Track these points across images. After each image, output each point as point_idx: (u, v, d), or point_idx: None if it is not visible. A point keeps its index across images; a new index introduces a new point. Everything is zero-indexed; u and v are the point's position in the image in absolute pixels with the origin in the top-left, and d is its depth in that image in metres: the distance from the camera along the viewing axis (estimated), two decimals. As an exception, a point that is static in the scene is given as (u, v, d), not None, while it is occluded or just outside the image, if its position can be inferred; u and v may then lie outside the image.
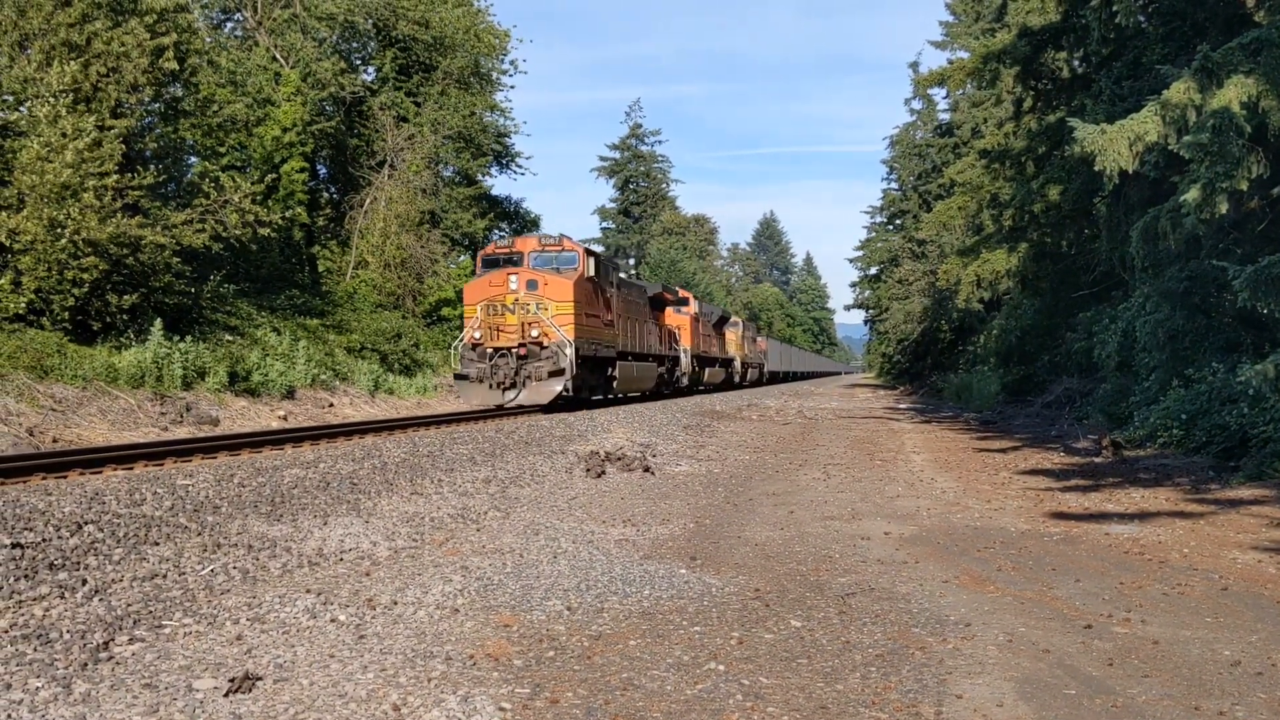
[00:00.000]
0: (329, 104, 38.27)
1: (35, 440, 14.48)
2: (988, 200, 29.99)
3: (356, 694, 4.52)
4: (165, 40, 21.56)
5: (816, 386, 70.49)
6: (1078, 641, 5.50)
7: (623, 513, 9.87)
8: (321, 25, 38.41)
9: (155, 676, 4.68)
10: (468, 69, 43.35)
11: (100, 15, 20.94)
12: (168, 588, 6.14)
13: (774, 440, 19.50)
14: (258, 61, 35.12)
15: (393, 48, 41.53)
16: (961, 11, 48.66)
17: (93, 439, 15.23)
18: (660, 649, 5.32)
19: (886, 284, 65.05)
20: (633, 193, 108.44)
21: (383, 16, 40.26)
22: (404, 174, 38.68)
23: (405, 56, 41.97)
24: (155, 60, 21.47)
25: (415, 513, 9.14)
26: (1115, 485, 11.97)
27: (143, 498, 8.30)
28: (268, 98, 33.77)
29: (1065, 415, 22.65)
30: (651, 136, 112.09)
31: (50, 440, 14.71)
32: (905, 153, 63.85)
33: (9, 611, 5.40)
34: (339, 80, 37.34)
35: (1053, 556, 7.87)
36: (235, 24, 40.98)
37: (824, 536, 8.72)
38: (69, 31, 20.48)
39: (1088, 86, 21.88)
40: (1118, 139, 13.49)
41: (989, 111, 40.29)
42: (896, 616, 6.02)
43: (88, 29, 20.67)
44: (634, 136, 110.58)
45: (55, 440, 14.78)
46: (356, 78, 40.03)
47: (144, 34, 21.17)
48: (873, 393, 56.56)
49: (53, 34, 20.47)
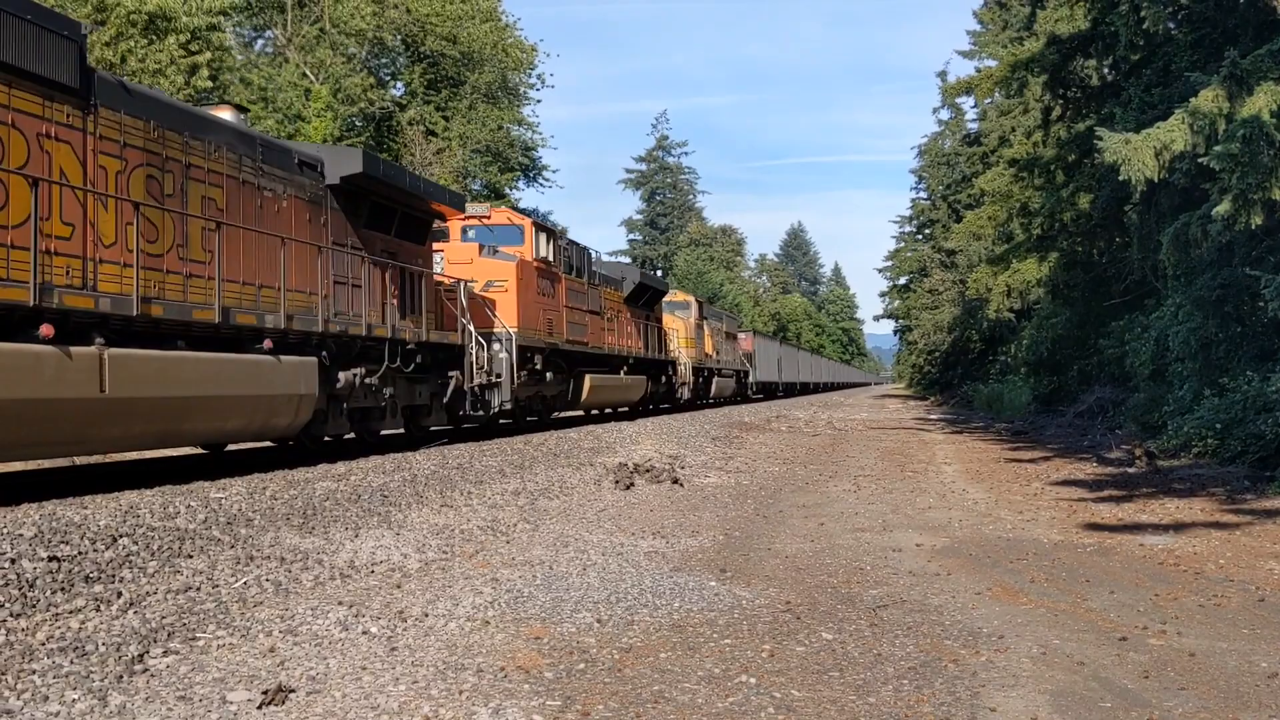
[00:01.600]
0: (358, 119, 38.61)
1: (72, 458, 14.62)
2: (1017, 209, 29.83)
3: (389, 706, 4.53)
4: (199, 58, 21.87)
5: (846, 397, 70.24)
6: (1113, 654, 5.45)
7: (652, 525, 9.86)
8: (351, 41, 38.78)
9: (189, 689, 4.72)
10: (495, 83, 43.64)
11: (135, 33, 21.23)
12: (201, 600, 6.19)
13: (803, 452, 19.44)
14: (288, 78, 35.49)
15: (421, 63, 41.88)
16: (989, 21, 48.48)
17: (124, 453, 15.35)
18: (691, 661, 5.31)
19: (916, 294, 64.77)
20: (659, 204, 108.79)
21: (411, 32, 40.61)
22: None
23: (433, 71, 42.31)
24: (190, 78, 21.76)
25: (445, 525, 9.17)
26: (1149, 495, 11.85)
27: (176, 510, 8.37)
28: (298, 113, 34.10)
29: (1098, 425, 22.46)
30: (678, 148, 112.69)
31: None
32: (934, 162, 63.62)
33: (46, 624, 5.45)
34: (368, 95, 37.67)
35: (1086, 568, 7.80)
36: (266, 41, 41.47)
37: (855, 548, 8.68)
38: (104, 50, 20.77)
39: (1117, 94, 21.74)
40: (1143, 149, 13.40)
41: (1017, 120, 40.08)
42: (929, 629, 5.99)
43: (121, 47, 20.97)
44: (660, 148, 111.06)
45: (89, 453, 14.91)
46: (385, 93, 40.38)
47: (178, 52, 21.46)
48: (903, 403, 56.33)
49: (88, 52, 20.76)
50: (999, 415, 33.93)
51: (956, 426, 29.30)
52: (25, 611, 5.54)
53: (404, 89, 42.64)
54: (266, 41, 41.49)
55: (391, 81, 43.13)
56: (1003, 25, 45.45)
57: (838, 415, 35.65)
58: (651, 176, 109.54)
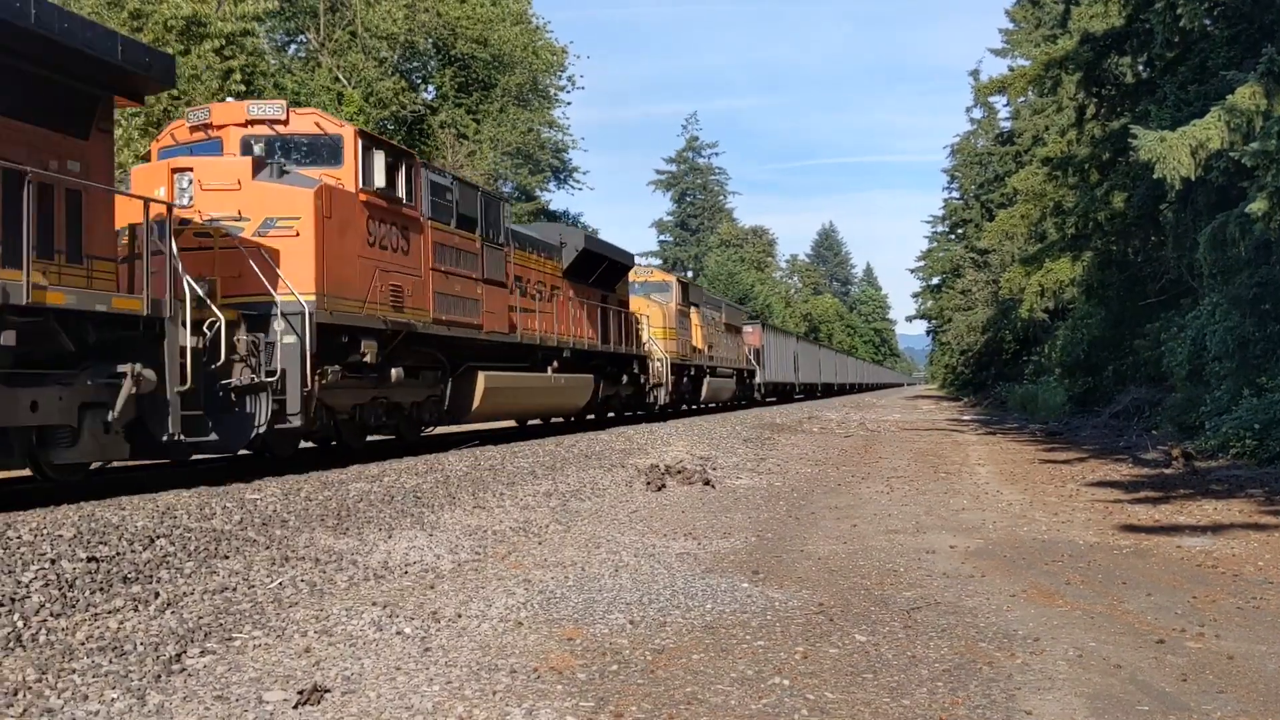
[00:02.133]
0: (390, 123, 38.83)
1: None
2: (1051, 208, 29.61)
3: (423, 706, 4.56)
4: (234, 63, 22.08)
5: (878, 398, 69.91)
6: (1150, 656, 5.40)
7: (684, 526, 9.86)
8: (382, 45, 39.00)
9: (226, 688, 4.77)
10: (526, 85, 43.76)
11: (171, 39, 21.46)
12: (237, 600, 6.24)
13: (835, 453, 19.37)
14: (321, 82, 35.76)
15: (452, 66, 42.07)
16: (1022, 19, 48.16)
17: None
18: (724, 663, 5.30)
19: (949, 294, 64.44)
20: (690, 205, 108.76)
21: (442, 35, 40.81)
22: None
23: (464, 74, 42.51)
24: (224, 82, 21.97)
25: (478, 526, 9.20)
26: (1186, 497, 11.73)
27: (212, 512, 8.44)
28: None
29: (1134, 426, 22.25)
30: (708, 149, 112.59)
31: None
32: (966, 161, 63.28)
33: (85, 624, 5.52)
34: (400, 99, 37.88)
35: (1123, 570, 7.73)
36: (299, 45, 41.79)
37: (888, 550, 8.64)
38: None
39: (1152, 92, 21.52)
40: (1178, 147, 13.26)
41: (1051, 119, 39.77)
42: (963, 631, 5.95)
43: (157, 53, 21.22)
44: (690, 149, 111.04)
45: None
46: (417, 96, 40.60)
47: (213, 57, 21.67)
48: (936, 404, 56.01)
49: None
50: (1033, 416, 33.68)
51: (990, 428, 29.10)
52: (65, 611, 5.61)
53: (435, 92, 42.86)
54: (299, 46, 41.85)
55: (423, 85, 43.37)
56: (1036, 23, 45.12)
57: (870, 416, 35.50)
58: (682, 178, 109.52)
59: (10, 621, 5.32)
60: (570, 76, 49.04)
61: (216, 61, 21.64)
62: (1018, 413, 37.71)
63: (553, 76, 46.07)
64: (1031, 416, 33.77)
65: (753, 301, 78.40)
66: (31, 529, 7.05)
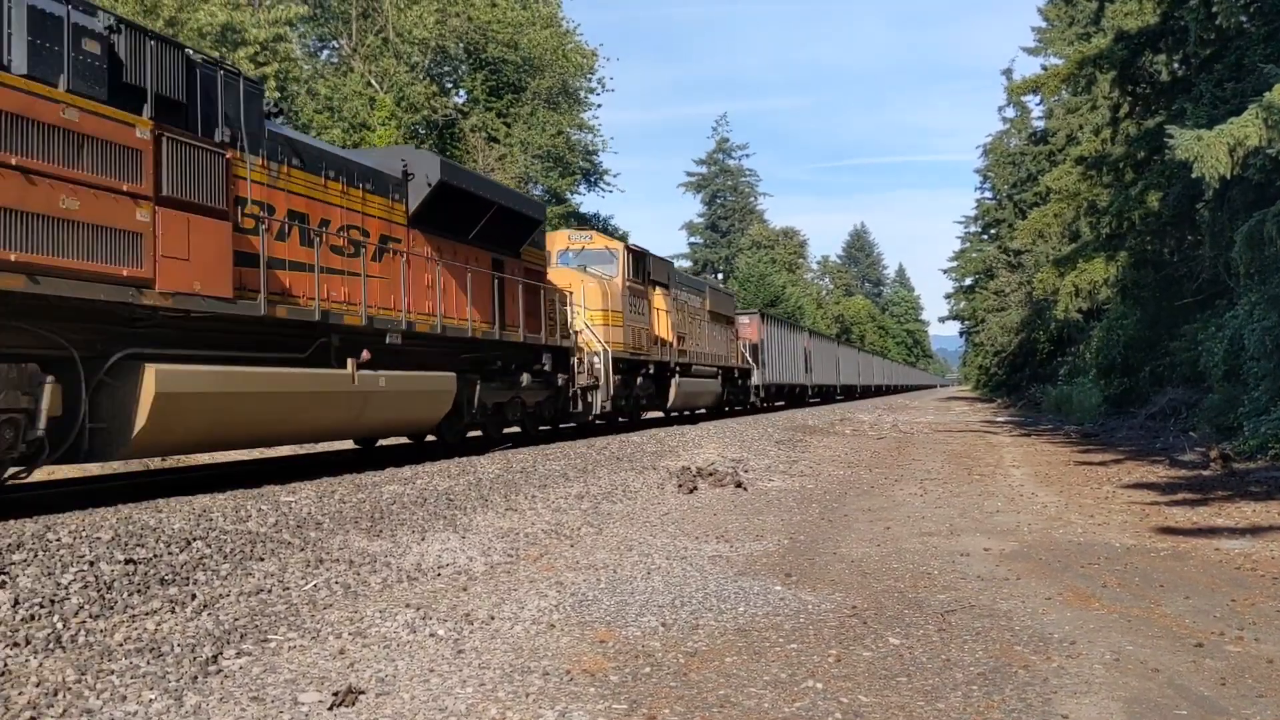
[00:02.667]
0: (422, 127, 39.05)
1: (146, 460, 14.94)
2: (1085, 208, 29.34)
3: (456, 708, 4.57)
4: (268, 69, 22.28)
5: (910, 400, 69.54)
6: (1188, 660, 5.34)
7: (716, 528, 9.84)
8: (414, 50, 39.21)
9: (262, 689, 4.80)
10: (556, 88, 43.87)
11: (206, 46, 21.67)
12: (272, 602, 6.29)
13: (868, 455, 19.28)
14: (353, 87, 35.98)
15: (483, 70, 42.25)
16: (1055, 17, 47.78)
17: (197, 457, 15.66)
18: (757, 666, 5.29)
19: (982, 295, 64.01)
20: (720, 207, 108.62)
21: (473, 40, 41.00)
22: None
23: (495, 78, 42.67)
24: (256, 89, 22.17)
25: (510, 528, 9.23)
26: (1225, 499, 11.58)
27: (248, 514, 8.52)
28: (363, 122, 34.57)
29: (1170, 427, 22.01)
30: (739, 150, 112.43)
31: (158, 460, 15.16)
32: (999, 161, 62.80)
33: (123, 625, 5.58)
34: (431, 104, 38.06)
35: (1160, 572, 7.64)
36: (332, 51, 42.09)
37: (922, 553, 8.59)
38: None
39: (1188, 90, 21.30)
40: (1216, 144, 13.11)
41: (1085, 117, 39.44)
42: (998, 634, 5.91)
43: (192, 60, 21.42)
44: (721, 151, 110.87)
45: (162, 459, 15.24)
46: (448, 100, 40.78)
47: (248, 64, 21.86)
48: (969, 406, 55.65)
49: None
50: (1068, 418, 33.39)
51: (1024, 429, 28.87)
52: (103, 613, 5.67)
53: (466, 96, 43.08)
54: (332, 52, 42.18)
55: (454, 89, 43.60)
56: (1069, 21, 44.75)
57: (903, 418, 35.32)
58: (712, 179, 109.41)
59: (50, 623, 5.39)
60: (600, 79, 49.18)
61: (251, 68, 21.83)
62: (1052, 414, 37.40)
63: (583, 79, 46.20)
64: (1066, 418, 33.48)
65: (784, 303, 78.10)
66: (71, 531, 7.14)
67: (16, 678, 4.73)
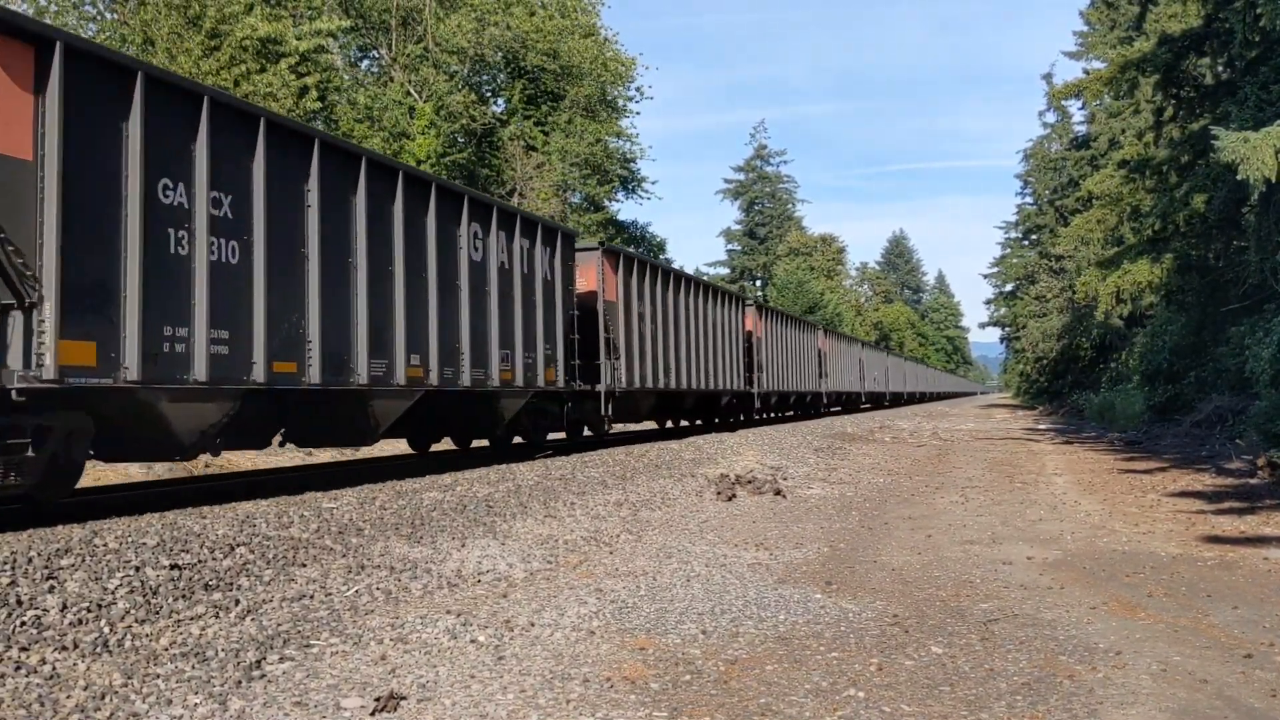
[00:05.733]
0: (460, 135, 39.25)
1: (189, 466, 15.12)
2: (1128, 212, 29.03)
3: (497, 714, 4.58)
4: (309, 80, 22.48)
5: (951, 407, 69.01)
6: (1237, 671, 5.25)
7: (755, 536, 9.81)
8: (453, 59, 39.46)
9: (305, 695, 4.84)
10: (594, 97, 43.99)
11: (247, 58, 21.92)
12: (315, 608, 6.34)
13: (908, 463, 19.15)
14: (393, 97, 36.25)
15: (522, 78, 42.44)
16: (1097, 21, 47.40)
17: (240, 463, 15.84)
18: (798, 674, 5.26)
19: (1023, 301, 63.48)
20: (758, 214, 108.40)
21: (512, 49, 41.20)
22: (533, 202, 39.40)
23: (534, 87, 42.85)
24: (299, 99, 22.38)
25: (549, 535, 9.25)
26: (1273, 507, 11.41)
27: (290, 520, 8.58)
28: (403, 131, 34.81)
29: (1217, 435, 21.69)
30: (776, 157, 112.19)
31: (202, 465, 15.34)
32: (1040, 166, 62.37)
33: (168, 630, 5.64)
34: (470, 112, 38.27)
35: (1207, 582, 7.53)
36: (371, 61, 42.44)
37: (963, 561, 8.52)
38: (218, 76, 21.48)
39: (1233, 93, 21.04)
40: (1262, 147, 12.95)
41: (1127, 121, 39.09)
42: (1042, 643, 5.84)
43: (234, 71, 21.66)
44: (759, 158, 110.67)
45: (206, 465, 15.42)
46: (487, 109, 40.99)
47: (289, 75, 22.09)
48: (1010, 413, 55.15)
49: (201, 78, 21.53)
50: (1111, 425, 33.00)
51: (1066, 437, 28.57)
52: (149, 618, 5.74)
53: (505, 105, 43.29)
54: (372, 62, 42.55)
55: (493, 98, 43.83)
56: (1111, 25, 44.37)
57: (943, 425, 35.06)
58: (750, 186, 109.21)
59: (97, 627, 5.46)
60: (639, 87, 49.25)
61: (293, 79, 22.06)
62: (1095, 422, 36.98)
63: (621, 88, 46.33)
64: (1109, 425, 33.09)
65: (822, 310, 77.78)
66: (117, 537, 7.23)
67: (65, 681, 4.79)
